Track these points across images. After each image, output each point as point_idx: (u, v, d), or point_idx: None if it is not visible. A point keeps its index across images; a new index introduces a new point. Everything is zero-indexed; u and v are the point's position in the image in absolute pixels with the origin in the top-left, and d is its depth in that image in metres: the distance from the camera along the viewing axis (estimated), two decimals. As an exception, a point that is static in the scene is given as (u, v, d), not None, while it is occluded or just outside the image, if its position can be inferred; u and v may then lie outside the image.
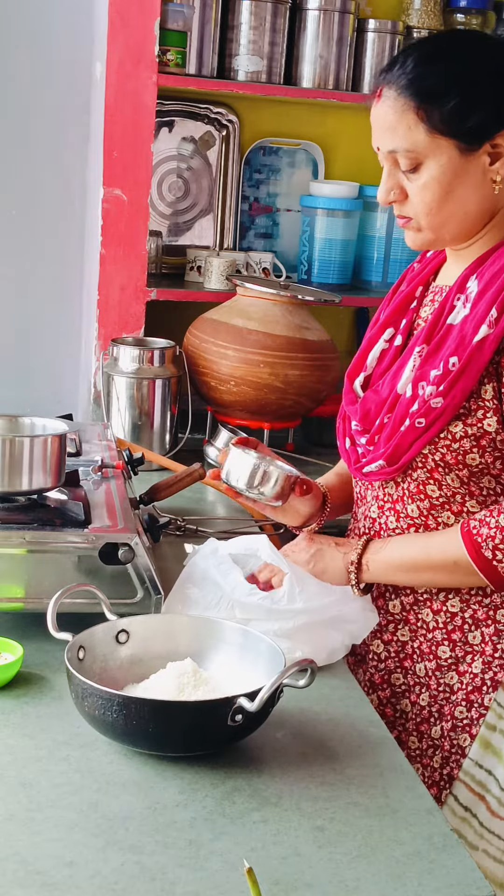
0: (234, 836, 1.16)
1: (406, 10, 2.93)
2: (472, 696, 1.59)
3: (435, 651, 1.62)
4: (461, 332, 1.53)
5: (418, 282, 1.71)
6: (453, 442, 1.53)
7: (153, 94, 2.54)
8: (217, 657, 1.44)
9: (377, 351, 1.70)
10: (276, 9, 2.76)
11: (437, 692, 1.62)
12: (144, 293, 2.64)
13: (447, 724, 1.60)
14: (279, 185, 3.06)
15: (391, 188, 1.56)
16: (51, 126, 2.85)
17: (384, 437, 1.60)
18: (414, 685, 1.64)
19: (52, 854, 1.11)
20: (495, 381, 1.51)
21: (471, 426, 1.51)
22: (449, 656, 1.61)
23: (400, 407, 1.57)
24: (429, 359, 1.56)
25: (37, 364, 2.97)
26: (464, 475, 1.55)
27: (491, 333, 1.50)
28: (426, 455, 1.55)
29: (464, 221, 1.56)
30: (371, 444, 1.63)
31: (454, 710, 1.60)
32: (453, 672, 1.61)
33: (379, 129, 1.54)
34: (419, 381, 1.56)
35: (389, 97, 1.52)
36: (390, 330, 1.69)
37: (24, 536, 1.56)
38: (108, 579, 1.56)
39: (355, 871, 1.12)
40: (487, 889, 1.11)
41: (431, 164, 1.52)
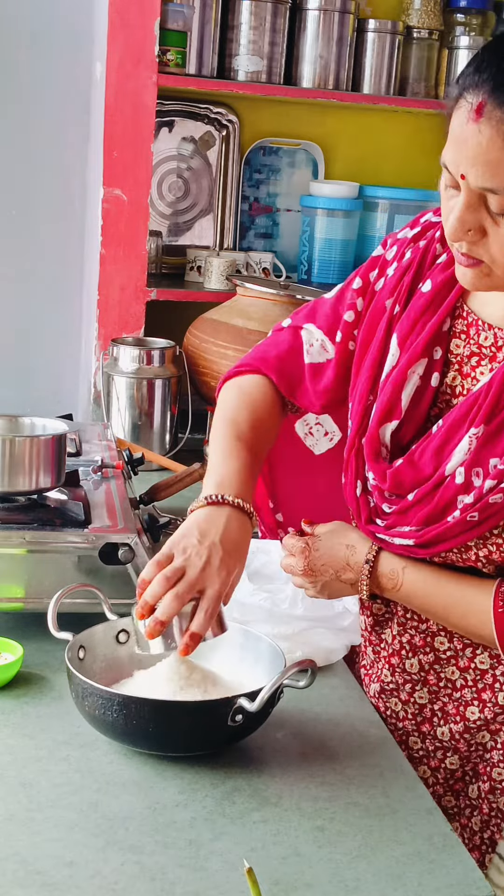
0: (234, 836, 1.16)
1: (406, 10, 2.93)
2: None
3: (464, 713, 1.46)
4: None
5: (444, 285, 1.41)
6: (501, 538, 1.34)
7: (153, 94, 2.54)
8: (217, 657, 1.44)
9: (411, 389, 1.40)
10: (276, 9, 2.76)
11: (469, 752, 1.47)
12: (144, 293, 2.64)
13: (484, 784, 1.46)
14: (279, 185, 3.06)
15: (470, 227, 1.23)
16: (51, 126, 2.85)
17: (418, 517, 1.37)
18: (435, 750, 1.49)
19: (52, 854, 1.11)
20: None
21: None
22: (478, 717, 1.45)
23: (446, 491, 1.34)
24: (487, 443, 1.32)
25: (37, 364, 2.97)
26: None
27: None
28: (470, 546, 1.36)
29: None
30: (397, 515, 1.40)
31: (491, 771, 1.45)
32: (485, 731, 1.45)
33: (473, 157, 1.19)
34: (474, 467, 1.32)
35: (497, 120, 1.16)
36: (423, 361, 1.40)
37: (24, 536, 1.56)
38: (108, 579, 1.56)
39: (355, 871, 1.12)
40: (487, 889, 1.11)
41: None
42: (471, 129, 1.19)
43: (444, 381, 1.41)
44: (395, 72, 2.90)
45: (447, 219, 1.26)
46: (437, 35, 2.94)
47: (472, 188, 1.22)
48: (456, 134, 1.22)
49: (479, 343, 1.38)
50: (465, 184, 1.22)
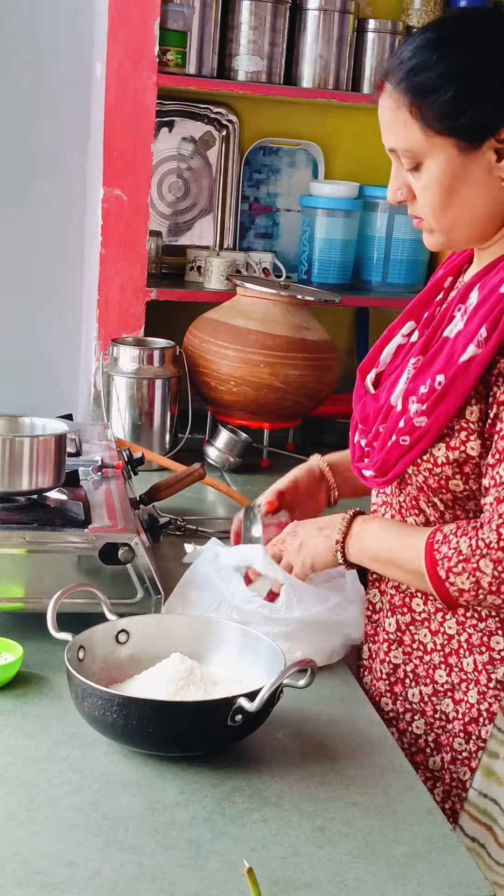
0: (234, 836, 1.16)
1: (406, 10, 2.93)
2: (470, 727, 1.48)
3: (432, 675, 1.53)
4: (452, 348, 1.43)
5: (449, 271, 1.61)
6: (435, 466, 1.45)
7: (153, 94, 2.54)
8: (217, 657, 1.44)
9: (393, 346, 1.61)
10: (276, 9, 2.76)
11: (434, 720, 1.53)
12: (144, 293, 2.64)
13: (447, 755, 1.51)
14: (279, 185, 3.06)
15: (398, 187, 1.47)
16: (51, 126, 2.85)
17: (378, 448, 1.53)
18: (405, 712, 1.55)
19: (52, 854, 1.11)
20: (483, 402, 1.41)
21: (453, 450, 1.43)
22: (445, 681, 1.52)
23: (391, 420, 1.50)
24: (421, 373, 1.47)
25: (37, 364, 2.97)
26: (448, 499, 1.47)
27: (478, 354, 1.39)
28: (411, 475, 1.49)
29: (472, 223, 1.45)
30: (369, 447, 1.57)
31: (452, 741, 1.50)
32: (449, 699, 1.51)
33: (382, 126, 1.46)
34: (409, 395, 1.47)
35: (387, 91, 1.43)
36: (411, 323, 1.60)
37: (24, 536, 1.56)
38: (108, 579, 1.56)
39: (355, 871, 1.12)
40: (487, 889, 1.11)
41: (430, 164, 1.42)
42: (379, 104, 1.46)
43: None
44: (395, 72, 2.90)
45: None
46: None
47: (389, 152, 1.47)
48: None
49: (450, 301, 1.56)
50: (387, 151, 1.47)
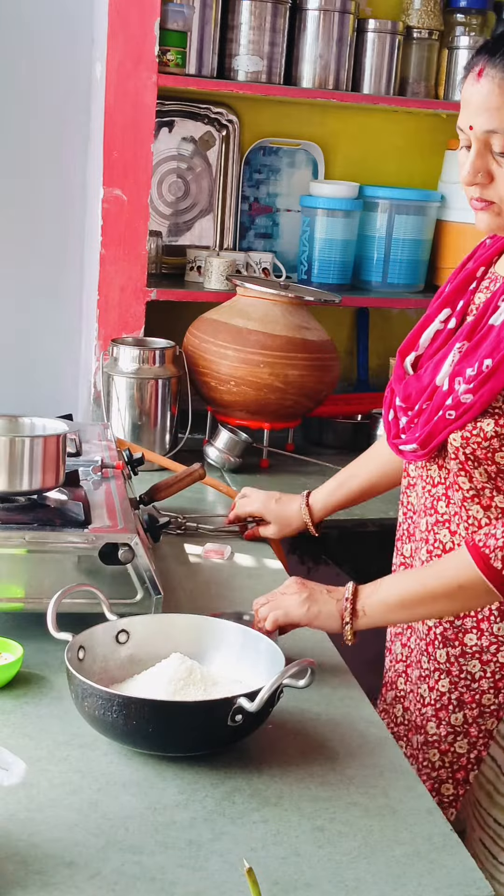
0: (234, 836, 1.16)
1: (406, 10, 2.93)
2: (501, 683, 1.59)
3: (461, 639, 1.61)
4: (499, 335, 1.53)
5: (482, 261, 1.69)
6: (484, 440, 1.53)
7: (153, 94, 2.54)
8: (217, 657, 1.44)
9: (431, 331, 1.69)
10: (276, 9, 2.76)
11: (459, 679, 1.62)
12: (144, 293, 2.64)
13: (472, 711, 1.61)
14: (279, 185, 3.06)
15: (479, 170, 1.52)
16: (51, 126, 2.85)
17: (421, 423, 1.61)
18: (434, 671, 1.64)
19: (52, 854, 1.11)
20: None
21: (502, 427, 1.52)
22: (475, 644, 1.60)
23: (437, 398, 1.59)
24: (467, 356, 1.57)
25: (37, 364, 2.97)
26: (492, 471, 1.55)
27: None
28: (458, 448, 1.56)
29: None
30: (411, 424, 1.65)
31: (481, 698, 1.60)
32: (476, 661, 1.60)
33: (477, 108, 1.50)
34: (456, 376, 1.57)
35: (495, 77, 1.47)
36: (447, 311, 1.69)
37: (24, 536, 1.56)
38: (108, 579, 1.56)
39: (355, 871, 1.12)
40: (487, 889, 1.11)
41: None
42: (475, 88, 1.50)
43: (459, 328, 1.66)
44: (395, 72, 2.90)
45: (463, 170, 1.54)
46: (437, 35, 2.94)
47: (479, 135, 1.50)
48: (465, 97, 1.53)
49: (494, 291, 1.63)
50: (473, 133, 1.51)
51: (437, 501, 1.64)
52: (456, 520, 1.61)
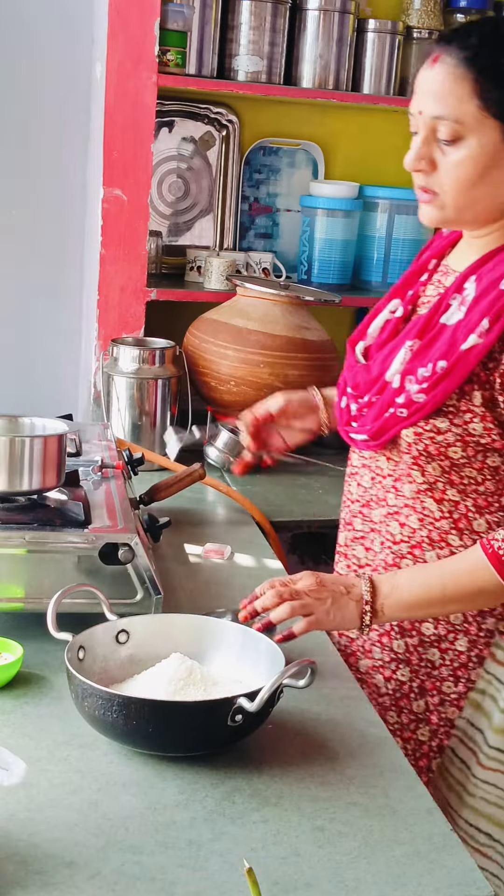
0: (234, 836, 1.16)
1: (406, 10, 2.93)
2: (459, 671, 1.63)
3: (419, 628, 1.64)
4: (453, 336, 1.54)
5: (434, 253, 1.72)
6: (437, 434, 1.55)
7: (153, 94, 2.54)
8: (217, 657, 1.44)
9: (380, 321, 1.71)
10: (276, 9, 2.76)
11: (419, 667, 1.64)
12: (144, 293, 2.64)
13: (433, 698, 1.64)
14: (279, 185, 3.06)
15: (423, 156, 1.54)
16: (51, 126, 2.85)
17: (371, 416, 1.63)
18: (390, 661, 1.66)
19: (52, 854, 1.11)
20: (487, 389, 1.52)
21: (457, 426, 1.54)
22: (432, 633, 1.63)
23: (387, 394, 1.61)
24: (419, 355, 1.58)
25: (37, 364, 2.97)
26: (445, 465, 1.57)
27: (479, 344, 1.50)
28: (411, 444, 1.58)
29: (490, 206, 1.55)
30: (359, 413, 1.67)
31: (441, 685, 1.63)
32: (435, 649, 1.63)
33: (427, 93, 1.52)
34: (407, 374, 1.58)
35: (448, 64, 1.50)
36: (396, 301, 1.71)
37: (24, 536, 1.56)
38: (108, 579, 1.56)
39: (355, 871, 1.12)
40: (487, 889, 1.11)
41: (472, 141, 1.50)
42: (428, 73, 1.52)
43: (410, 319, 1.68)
44: (395, 72, 2.90)
45: (408, 155, 1.55)
46: (436, 35, 2.94)
47: (427, 121, 1.52)
48: (418, 82, 1.55)
49: (444, 285, 1.65)
50: (423, 118, 1.53)
51: (387, 493, 1.66)
52: (406, 511, 1.63)
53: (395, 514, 1.65)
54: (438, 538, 1.61)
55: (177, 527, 2.02)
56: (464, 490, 1.59)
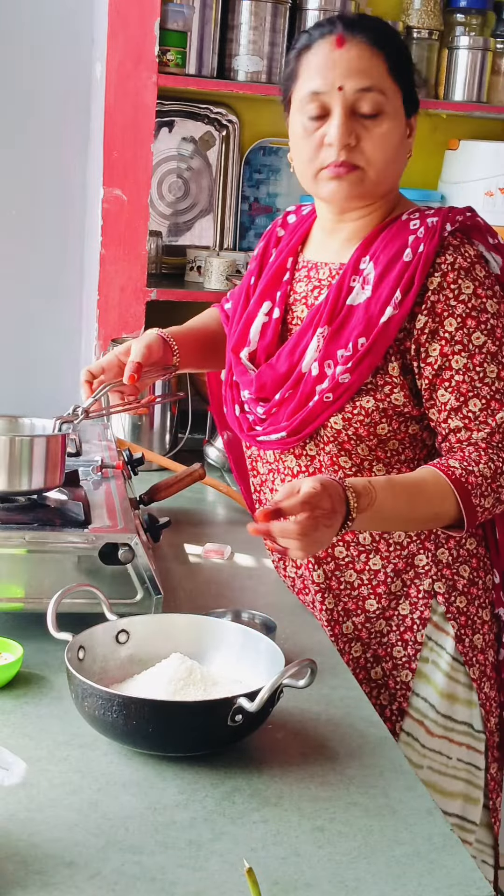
0: (234, 836, 1.16)
1: (406, 10, 2.93)
2: (406, 635, 1.70)
3: (363, 606, 1.71)
4: (367, 313, 1.61)
5: (287, 252, 1.77)
6: (366, 416, 1.61)
7: (153, 94, 2.54)
8: (217, 657, 1.44)
9: (258, 324, 1.75)
10: (276, 9, 2.76)
11: (369, 640, 1.72)
12: (144, 293, 2.64)
13: (387, 664, 1.71)
14: (279, 185, 3.06)
15: (352, 131, 1.60)
16: (51, 126, 2.85)
17: (287, 412, 1.66)
18: (345, 644, 1.72)
19: (52, 854, 1.11)
20: (400, 358, 1.60)
21: (381, 401, 1.61)
22: (376, 608, 1.71)
23: (305, 385, 1.64)
24: (333, 339, 1.63)
25: (37, 364, 2.97)
26: (373, 444, 1.64)
27: (396, 314, 1.58)
28: (339, 430, 1.63)
29: (395, 181, 1.68)
30: (267, 415, 1.69)
31: (391, 650, 1.71)
32: (381, 620, 1.71)
33: (347, 70, 1.58)
34: (325, 359, 1.63)
35: (359, 43, 1.59)
36: (268, 303, 1.75)
37: (24, 536, 1.56)
38: (108, 579, 1.56)
39: (355, 871, 1.12)
40: (487, 889, 1.11)
41: (391, 114, 1.61)
42: (339, 53, 1.58)
43: (295, 315, 1.73)
44: (395, 72, 2.90)
45: (330, 138, 1.59)
46: (437, 35, 2.93)
47: (349, 96, 1.58)
48: (322, 63, 1.59)
49: (318, 278, 1.71)
50: (342, 95, 1.58)
51: None
52: None
53: None
54: None
55: (177, 527, 2.02)
56: (388, 463, 1.66)
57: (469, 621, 1.71)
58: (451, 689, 1.70)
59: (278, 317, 1.74)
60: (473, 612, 1.72)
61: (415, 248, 1.60)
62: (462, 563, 1.71)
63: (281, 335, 1.74)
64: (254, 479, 1.82)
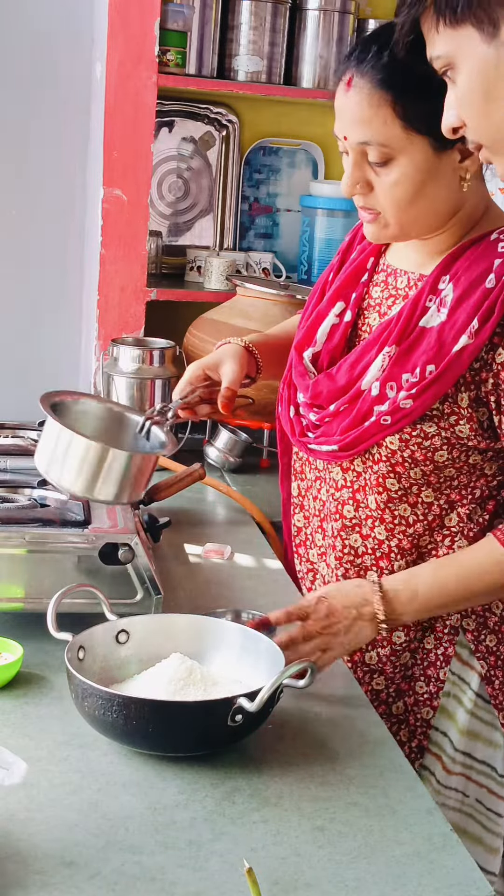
0: (234, 836, 1.16)
1: (406, 10, 2.93)
2: (429, 671, 1.63)
3: (390, 637, 1.63)
4: (439, 338, 1.50)
5: (370, 252, 1.68)
6: (425, 440, 1.53)
7: (153, 94, 2.54)
8: (217, 657, 1.44)
9: (327, 326, 1.68)
10: (276, 9, 2.76)
11: (394, 674, 1.64)
12: (144, 293, 2.64)
13: (409, 699, 1.64)
14: (279, 185, 3.06)
15: (357, 181, 1.52)
16: (51, 126, 2.85)
17: (341, 426, 1.58)
18: (364, 675, 1.65)
19: (52, 854, 1.11)
20: (472, 390, 1.50)
21: (444, 429, 1.52)
22: (403, 640, 1.63)
23: (363, 403, 1.56)
24: (400, 361, 1.54)
25: (37, 364, 2.96)
26: (428, 469, 1.56)
27: (471, 344, 1.47)
28: (394, 451, 1.55)
29: (432, 218, 1.54)
30: (321, 423, 1.62)
31: (414, 685, 1.64)
32: (407, 653, 1.63)
33: (350, 120, 1.49)
34: (388, 381, 1.54)
35: (363, 88, 1.46)
36: (340, 304, 1.68)
37: (24, 536, 1.56)
38: (108, 579, 1.56)
39: (355, 871, 1.12)
40: (488, 889, 1.11)
41: (404, 161, 1.48)
42: (345, 98, 1.50)
43: (367, 322, 1.65)
44: (395, 72, 2.90)
45: (343, 181, 1.54)
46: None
47: (353, 146, 1.50)
48: (337, 107, 1.52)
49: (395, 286, 1.63)
50: (349, 144, 1.51)
51: (342, 506, 1.63)
52: (370, 523, 1.61)
53: (355, 526, 1.63)
54: (409, 545, 1.60)
55: (177, 527, 2.02)
56: (439, 489, 1.58)
57: (499, 661, 1.62)
58: (473, 727, 1.63)
59: (349, 320, 1.66)
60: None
61: (499, 275, 1.48)
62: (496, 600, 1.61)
63: (349, 340, 1.66)
64: (300, 483, 1.75)
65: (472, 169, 1.50)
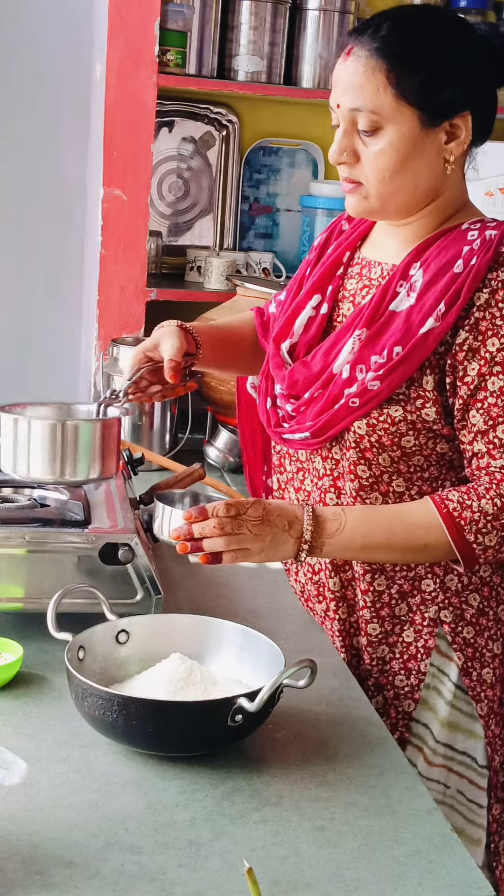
0: (234, 836, 1.16)
1: (406, 10, 2.93)
2: (409, 664, 1.63)
3: (365, 629, 1.64)
4: (407, 321, 1.54)
5: (346, 247, 1.72)
6: (391, 425, 1.54)
7: (153, 94, 2.54)
8: (217, 657, 1.44)
9: (304, 318, 1.70)
10: (276, 9, 2.76)
11: (371, 666, 1.65)
12: (144, 293, 2.64)
13: (389, 692, 1.64)
14: (279, 185, 3.06)
15: (345, 149, 1.54)
16: (51, 126, 2.85)
17: (313, 412, 1.61)
18: (352, 657, 1.66)
19: (52, 854, 1.11)
20: (437, 373, 1.53)
21: (410, 413, 1.54)
22: (379, 632, 1.63)
23: (334, 387, 1.58)
24: (369, 344, 1.57)
25: (37, 364, 2.97)
26: (396, 455, 1.57)
27: (437, 327, 1.51)
28: (362, 436, 1.56)
29: (412, 195, 1.56)
30: (296, 413, 1.64)
31: (393, 679, 1.64)
32: (384, 645, 1.64)
33: (344, 87, 1.52)
34: (358, 363, 1.57)
35: (361, 56, 1.50)
36: (317, 297, 1.70)
37: (24, 536, 1.56)
38: (108, 579, 1.56)
39: (355, 871, 1.12)
40: (488, 889, 1.11)
41: (391, 131, 1.51)
42: (343, 66, 1.53)
43: (341, 312, 1.68)
44: (395, 72, 2.90)
45: (331, 149, 1.56)
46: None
47: (345, 113, 1.53)
48: (335, 76, 1.55)
49: (370, 277, 1.66)
50: (341, 112, 1.54)
51: (324, 494, 1.64)
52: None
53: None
54: None
55: (177, 527, 2.02)
56: (409, 479, 1.58)
57: (477, 653, 1.63)
58: (453, 718, 1.63)
59: (325, 312, 1.69)
60: (482, 644, 1.63)
61: (467, 260, 1.51)
62: (472, 592, 1.62)
63: (325, 332, 1.69)
64: (279, 477, 1.77)
65: (455, 152, 1.54)
